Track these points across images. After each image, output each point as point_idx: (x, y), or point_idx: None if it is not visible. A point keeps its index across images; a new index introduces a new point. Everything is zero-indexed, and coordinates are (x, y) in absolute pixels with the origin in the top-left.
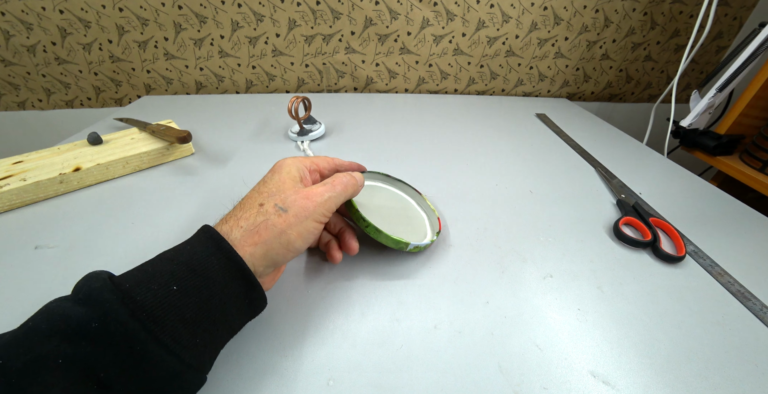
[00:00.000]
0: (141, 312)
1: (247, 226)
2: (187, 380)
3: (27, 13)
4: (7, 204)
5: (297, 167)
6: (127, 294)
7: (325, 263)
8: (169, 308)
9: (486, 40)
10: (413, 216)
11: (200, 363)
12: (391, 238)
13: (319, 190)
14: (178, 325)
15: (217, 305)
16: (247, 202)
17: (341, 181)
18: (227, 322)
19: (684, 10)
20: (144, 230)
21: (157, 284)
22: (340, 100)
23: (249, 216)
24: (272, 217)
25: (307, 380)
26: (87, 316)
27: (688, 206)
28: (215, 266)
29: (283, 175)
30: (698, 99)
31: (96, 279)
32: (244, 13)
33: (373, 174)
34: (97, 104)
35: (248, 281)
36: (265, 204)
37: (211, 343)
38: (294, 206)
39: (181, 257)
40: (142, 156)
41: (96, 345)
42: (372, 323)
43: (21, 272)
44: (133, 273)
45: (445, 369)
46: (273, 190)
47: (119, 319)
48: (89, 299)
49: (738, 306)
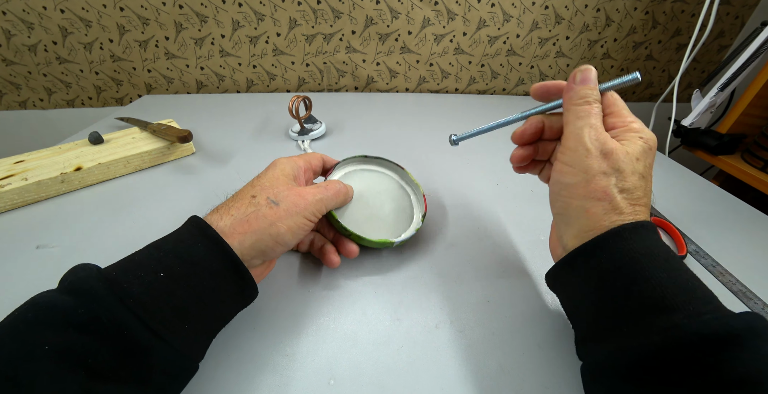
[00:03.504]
0: (129, 299)
1: (237, 214)
2: (178, 367)
3: (28, 12)
4: (8, 203)
5: (291, 166)
6: (115, 282)
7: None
8: (157, 294)
9: (487, 40)
10: (398, 197)
11: (191, 350)
12: (374, 241)
13: (312, 191)
14: (166, 311)
15: (206, 292)
16: (239, 194)
17: (334, 187)
18: (217, 309)
19: (686, 9)
20: (145, 229)
21: (144, 272)
22: (340, 100)
23: (240, 206)
24: (263, 208)
25: (308, 379)
26: (73, 304)
27: (690, 206)
28: (201, 252)
29: (277, 172)
30: (700, 98)
31: (82, 270)
32: (244, 13)
33: (352, 159)
34: (98, 104)
35: (236, 268)
36: (257, 196)
37: (201, 330)
38: (286, 201)
39: (168, 246)
40: (143, 155)
41: (83, 333)
42: (373, 323)
43: (22, 272)
44: (120, 263)
45: (446, 369)
46: (266, 185)
47: (107, 306)
48: (75, 288)
49: (739, 306)
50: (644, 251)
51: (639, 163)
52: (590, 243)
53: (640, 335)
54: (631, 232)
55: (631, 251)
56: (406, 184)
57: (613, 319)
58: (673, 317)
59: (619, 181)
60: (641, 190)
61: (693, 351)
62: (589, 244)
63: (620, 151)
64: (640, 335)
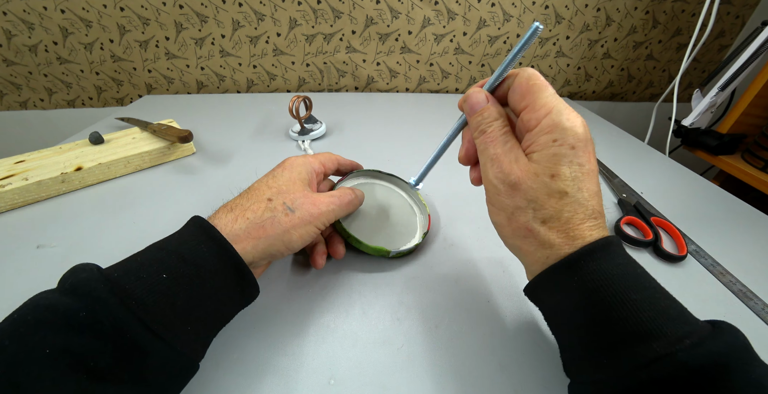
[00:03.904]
0: (130, 300)
1: (253, 218)
2: (180, 368)
3: (29, 12)
4: (9, 203)
5: (307, 170)
6: (116, 283)
7: (326, 262)
8: (160, 295)
9: (487, 39)
10: (404, 213)
11: (192, 350)
12: (371, 247)
13: (327, 200)
14: (168, 312)
15: (209, 294)
16: (254, 193)
17: (348, 198)
18: (219, 310)
19: (686, 9)
20: (145, 229)
21: (147, 273)
22: (340, 100)
23: (257, 209)
24: (280, 215)
25: (309, 379)
26: (74, 306)
27: (690, 206)
28: (205, 254)
29: (293, 175)
30: (700, 98)
31: (83, 270)
32: (245, 13)
33: (365, 172)
34: (99, 104)
35: (239, 269)
36: (273, 200)
37: (203, 331)
38: (301, 209)
39: (171, 247)
40: (143, 155)
41: (84, 335)
42: (373, 323)
43: (23, 272)
44: (122, 264)
45: (446, 368)
46: (283, 188)
47: (108, 307)
48: (76, 289)
49: (740, 306)
50: (598, 281)
51: (556, 180)
52: (530, 284)
53: (624, 366)
54: (569, 268)
55: (584, 282)
56: (413, 203)
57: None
58: (654, 346)
59: (537, 213)
60: (569, 208)
61: (682, 384)
62: (530, 285)
63: (527, 179)
64: (623, 367)
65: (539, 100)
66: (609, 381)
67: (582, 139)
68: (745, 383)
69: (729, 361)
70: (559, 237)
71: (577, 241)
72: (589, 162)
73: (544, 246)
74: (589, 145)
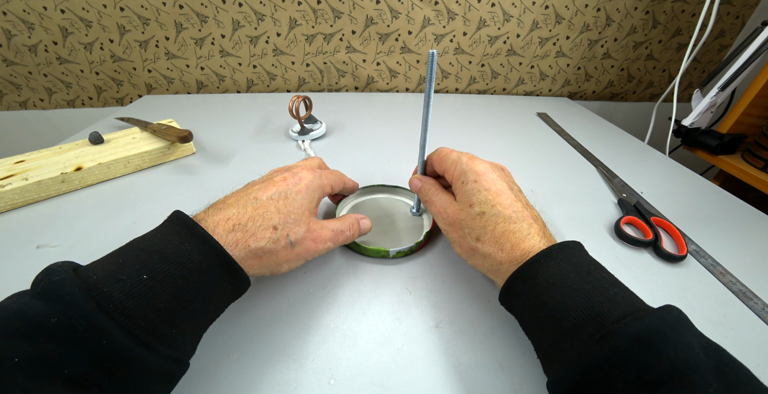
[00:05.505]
0: (108, 304)
1: (255, 248)
2: (166, 371)
3: (28, 12)
4: (8, 203)
5: (318, 196)
6: (94, 286)
7: (326, 262)
8: (140, 298)
9: (487, 39)
10: (408, 218)
11: (180, 352)
12: (371, 249)
13: (326, 236)
14: (151, 316)
15: (195, 293)
16: (260, 216)
17: (345, 236)
18: (207, 308)
19: (686, 9)
20: (145, 229)
21: (126, 274)
22: (340, 100)
23: (261, 238)
24: (281, 249)
25: (308, 379)
26: (45, 311)
27: (690, 205)
28: (189, 252)
29: (305, 203)
30: (700, 98)
31: (56, 272)
32: (245, 13)
33: (371, 187)
34: (99, 104)
35: (229, 266)
36: (279, 229)
37: (191, 330)
38: (301, 245)
39: (154, 246)
40: (143, 155)
41: (57, 342)
42: (373, 323)
43: (23, 272)
44: (102, 264)
45: (446, 368)
46: (291, 217)
47: (82, 313)
48: (48, 293)
49: (740, 306)
50: (551, 278)
51: (474, 207)
52: (500, 295)
53: (583, 346)
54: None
55: (536, 285)
56: (416, 206)
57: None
58: (604, 324)
59: (471, 234)
60: (490, 221)
61: (628, 355)
62: (500, 296)
63: (458, 215)
64: (583, 346)
65: (447, 162)
66: (571, 363)
67: (480, 172)
68: (683, 345)
69: (666, 330)
70: (493, 248)
71: (506, 245)
72: (495, 185)
73: (486, 258)
74: (489, 174)
